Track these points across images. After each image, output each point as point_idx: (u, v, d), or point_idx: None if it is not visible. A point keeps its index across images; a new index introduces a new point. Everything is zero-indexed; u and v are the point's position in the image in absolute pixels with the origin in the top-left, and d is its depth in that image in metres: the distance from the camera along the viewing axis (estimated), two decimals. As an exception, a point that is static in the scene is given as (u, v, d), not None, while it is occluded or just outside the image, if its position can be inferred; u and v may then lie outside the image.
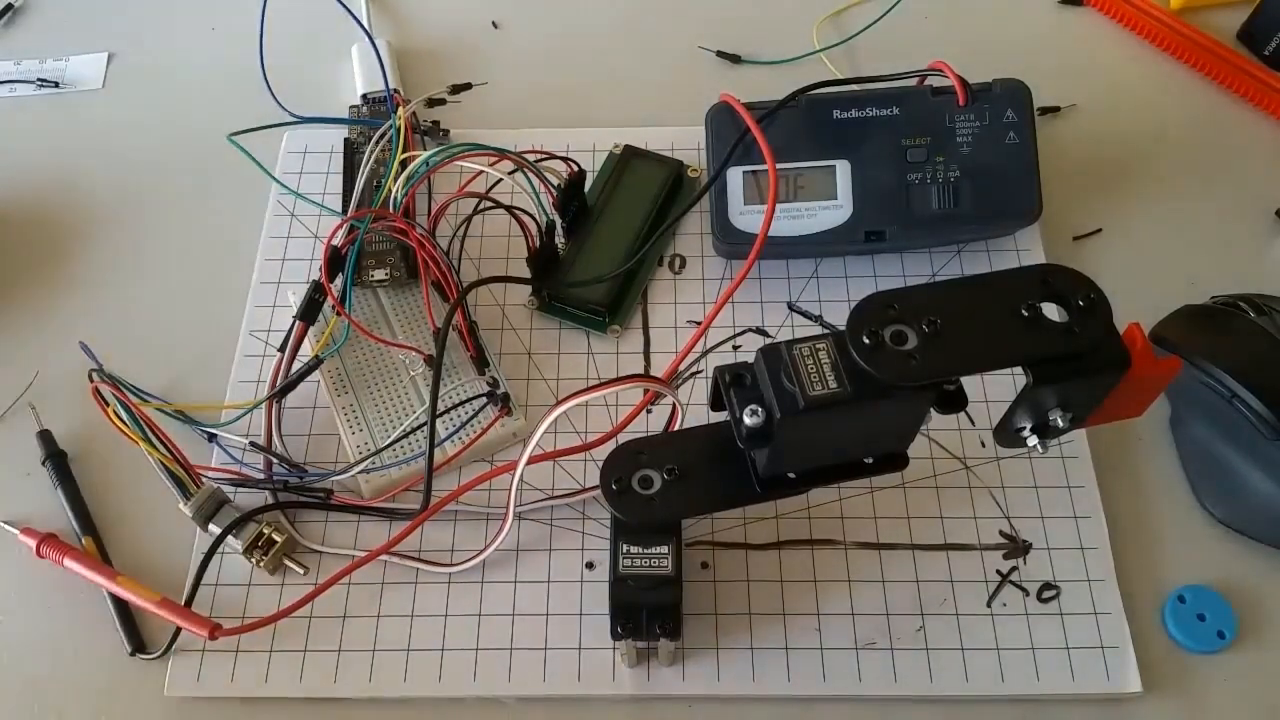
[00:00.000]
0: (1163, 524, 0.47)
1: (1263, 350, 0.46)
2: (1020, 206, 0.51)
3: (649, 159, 0.56)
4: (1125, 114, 0.60)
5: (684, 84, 0.62)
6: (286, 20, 0.61)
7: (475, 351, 0.48)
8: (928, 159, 0.51)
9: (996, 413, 0.38)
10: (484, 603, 0.45)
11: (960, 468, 0.47)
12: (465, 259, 0.54)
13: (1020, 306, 0.33)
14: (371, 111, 0.58)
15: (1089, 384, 0.34)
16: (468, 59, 0.64)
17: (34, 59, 0.65)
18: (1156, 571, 0.45)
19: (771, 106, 0.52)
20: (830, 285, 0.53)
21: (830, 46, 0.63)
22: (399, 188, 0.50)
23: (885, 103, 0.52)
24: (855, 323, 0.32)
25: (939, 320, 0.32)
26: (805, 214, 0.51)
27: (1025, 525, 0.46)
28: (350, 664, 0.43)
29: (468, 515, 0.47)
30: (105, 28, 0.66)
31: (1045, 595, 0.44)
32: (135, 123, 0.61)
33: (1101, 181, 0.57)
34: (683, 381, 0.47)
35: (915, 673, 0.42)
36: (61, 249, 0.56)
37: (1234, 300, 0.49)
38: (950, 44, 0.58)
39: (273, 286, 0.54)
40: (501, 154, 0.50)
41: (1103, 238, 0.55)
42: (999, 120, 0.51)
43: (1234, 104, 0.61)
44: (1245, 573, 0.45)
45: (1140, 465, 0.48)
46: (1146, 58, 0.63)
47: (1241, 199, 0.57)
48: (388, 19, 0.66)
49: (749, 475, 0.37)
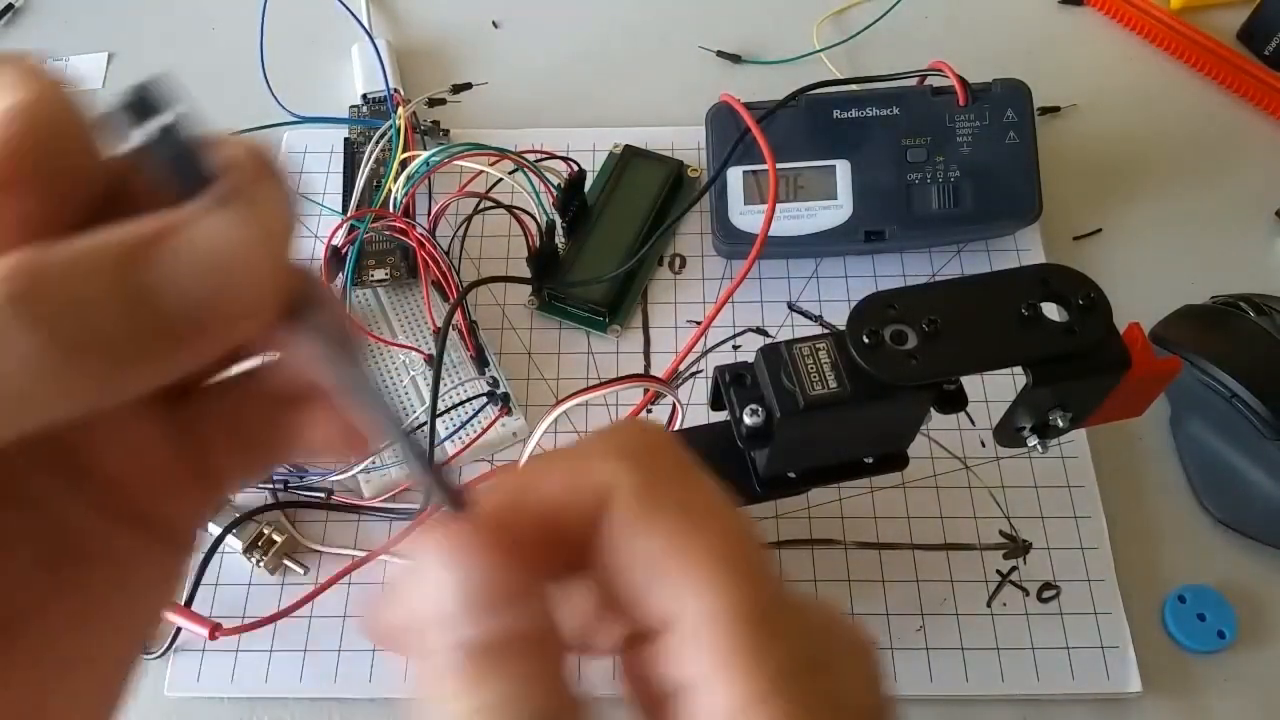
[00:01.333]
0: (1163, 524, 0.47)
1: (1263, 350, 0.46)
2: (1020, 206, 0.51)
3: (649, 159, 0.56)
4: (1125, 114, 0.60)
5: (684, 84, 0.62)
6: (286, 20, 0.61)
7: (475, 351, 0.48)
8: (928, 159, 0.51)
9: (996, 413, 0.38)
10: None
11: (960, 468, 0.47)
12: (465, 259, 0.54)
13: (1020, 306, 0.33)
14: (371, 111, 0.58)
15: (1089, 384, 0.34)
16: (468, 59, 0.64)
17: (34, 59, 0.65)
18: (1156, 571, 0.45)
19: (771, 106, 0.52)
20: (830, 285, 0.53)
21: (830, 46, 0.63)
22: (399, 188, 0.50)
23: (885, 103, 0.52)
24: (855, 323, 0.32)
25: (939, 320, 0.32)
26: (805, 214, 0.51)
27: (1025, 525, 0.46)
28: (350, 664, 0.43)
29: (468, 515, 0.47)
30: (105, 28, 0.66)
31: (1045, 595, 0.44)
32: (135, 123, 0.61)
33: (1101, 181, 0.57)
34: (683, 381, 0.47)
35: (915, 672, 0.42)
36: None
37: (1234, 300, 0.48)
38: (950, 44, 0.58)
39: (273, 286, 0.54)
40: (501, 154, 0.50)
41: (1103, 238, 0.55)
42: (999, 120, 0.51)
43: (1234, 104, 0.61)
44: (1246, 573, 0.45)
45: (1140, 465, 0.48)
46: (1146, 58, 0.63)
47: (1241, 199, 0.57)
48: (388, 19, 0.66)
49: (749, 475, 0.37)
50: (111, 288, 0.14)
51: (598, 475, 0.16)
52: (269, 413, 0.19)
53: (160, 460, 0.18)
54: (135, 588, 0.18)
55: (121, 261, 0.14)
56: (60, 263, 0.14)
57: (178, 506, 0.19)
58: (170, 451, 0.19)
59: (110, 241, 0.14)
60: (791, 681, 0.15)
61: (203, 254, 0.14)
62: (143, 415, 0.18)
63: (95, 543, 0.18)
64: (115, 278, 0.14)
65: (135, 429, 0.18)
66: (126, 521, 0.18)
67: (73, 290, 0.14)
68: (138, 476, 0.18)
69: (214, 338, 0.15)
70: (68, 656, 0.17)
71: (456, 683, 0.14)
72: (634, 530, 0.16)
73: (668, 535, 0.16)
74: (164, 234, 0.14)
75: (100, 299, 0.14)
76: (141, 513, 0.18)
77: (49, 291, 0.13)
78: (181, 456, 0.19)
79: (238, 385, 0.19)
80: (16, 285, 0.13)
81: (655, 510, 0.16)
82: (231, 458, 0.19)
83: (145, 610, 0.19)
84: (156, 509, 0.18)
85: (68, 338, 0.14)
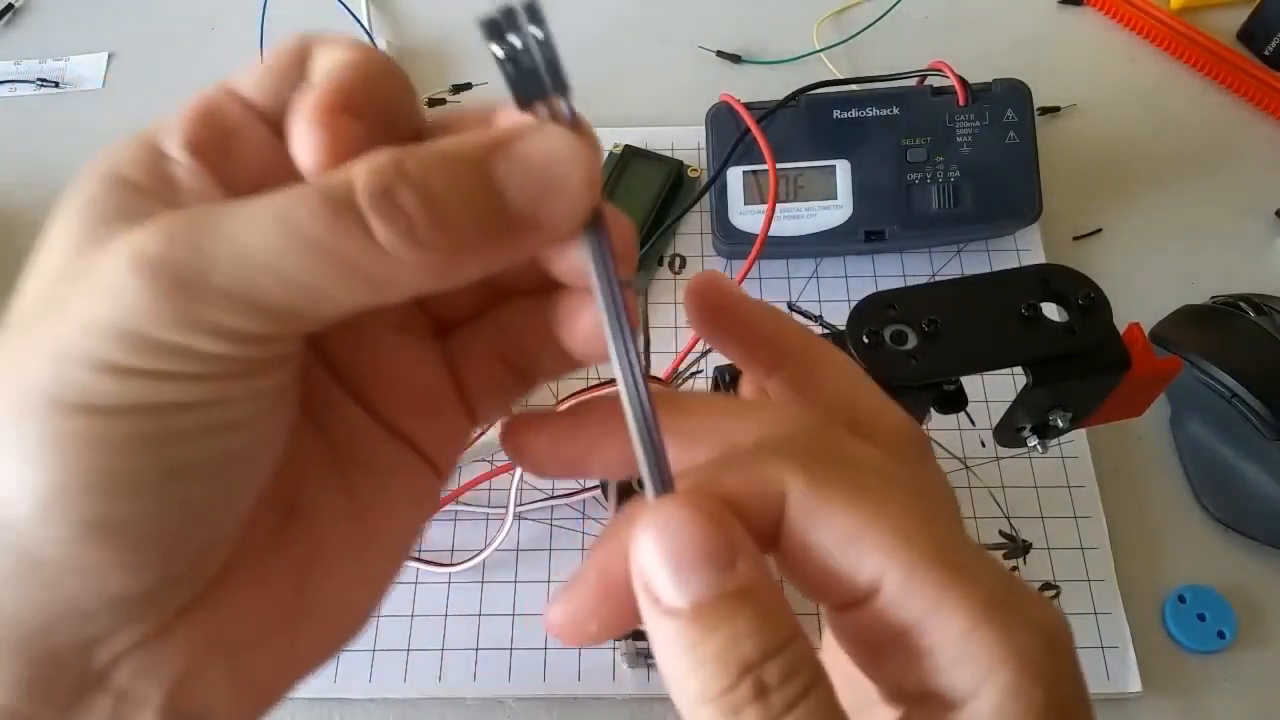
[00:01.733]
0: (1163, 524, 0.47)
1: (1263, 350, 0.46)
2: (1020, 206, 0.51)
3: (649, 159, 0.56)
4: (1125, 114, 0.60)
5: (684, 84, 0.62)
6: (286, 20, 0.61)
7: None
8: (928, 159, 0.51)
9: (996, 413, 0.38)
10: (484, 603, 0.44)
11: (960, 468, 0.47)
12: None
13: (1020, 306, 0.33)
14: (371, 111, 0.58)
15: (1089, 384, 0.34)
16: (468, 58, 0.64)
17: (34, 59, 0.65)
18: (1156, 571, 0.45)
19: (771, 106, 0.52)
20: (830, 285, 0.53)
21: (830, 46, 0.63)
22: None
23: (885, 103, 0.52)
24: (855, 323, 0.32)
25: (939, 320, 0.32)
26: (805, 214, 0.51)
27: (1025, 525, 0.46)
28: (350, 664, 0.43)
29: (468, 515, 0.47)
30: (105, 28, 0.66)
31: (1045, 595, 0.44)
32: (135, 123, 0.60)
33: (1101, 181, 0.57)
34: (683, 381, 0.47)
35: (915, 673, 0.42)
36: (61, 249, 0.56)
37: (1234, 300, 0.48)
38: (950, 44, 0.58)
39: (273, 286, 0.54)
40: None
41: (1103, 238, 0.55)
42: (999, 120, 0.51)
43: (1234, 104, 0.61)
44: (1245, 573, 0.45)
45: (1140, 465, 0.48)
46: (1146, 58, 0.63)
47: (1241, 199, 0.57)
48: (388, 19, 0.66)
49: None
50: (466, 182, 0.16)
51: (771, 487, 0.18)
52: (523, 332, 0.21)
53: (427, 384, 0.21)
54: (396, 499, 0.21)
55: (475, 159, 0.17)
56: (419, 160, 0.16)
57: (439, 429, 0.21)
58: (435, 378, 0.21)
59: (464, 142, 0.17)
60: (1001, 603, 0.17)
61: (543, 157, 0.17)
62: (414, 342, 0.21)
63: (367, 450, 0.20)
64: (470, 173, 0.17)
65: (408, 354, 0.21)
66: (395, 437, 0.21)
67: (430, 185, 0.16)
68: (407, 397, 0.21)
69: (542, 234, 0.17)
70: (336, 545, 0.20)
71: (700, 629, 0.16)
72: (812, 525, 0.18)
73: (843, 526, 0.17)
74: (512, 139, 0.17)
75: (453, 193, 0.16)
76: (408, 431, 0.21)
77: (409, 185, 0.16)
78: (444, 383, 0.21)
79: (494, 321, 0.21)
80: (380, 180, 0.16)
81: (827, 504, 0.18)
82: (489, 385, 0.22)
83: (403, 523, 0.21)
84: (421, 429, 0.21)
85: (422, 228, 0.16)
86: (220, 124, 0.19)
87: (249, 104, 0.19)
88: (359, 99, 0.18)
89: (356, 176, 0.16)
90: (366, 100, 0.18)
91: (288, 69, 0.20)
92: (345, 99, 0.18)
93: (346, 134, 0.17)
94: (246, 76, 0.20)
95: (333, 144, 0.17)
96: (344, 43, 0.19)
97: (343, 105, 0.18)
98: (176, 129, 0.19)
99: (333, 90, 0.18)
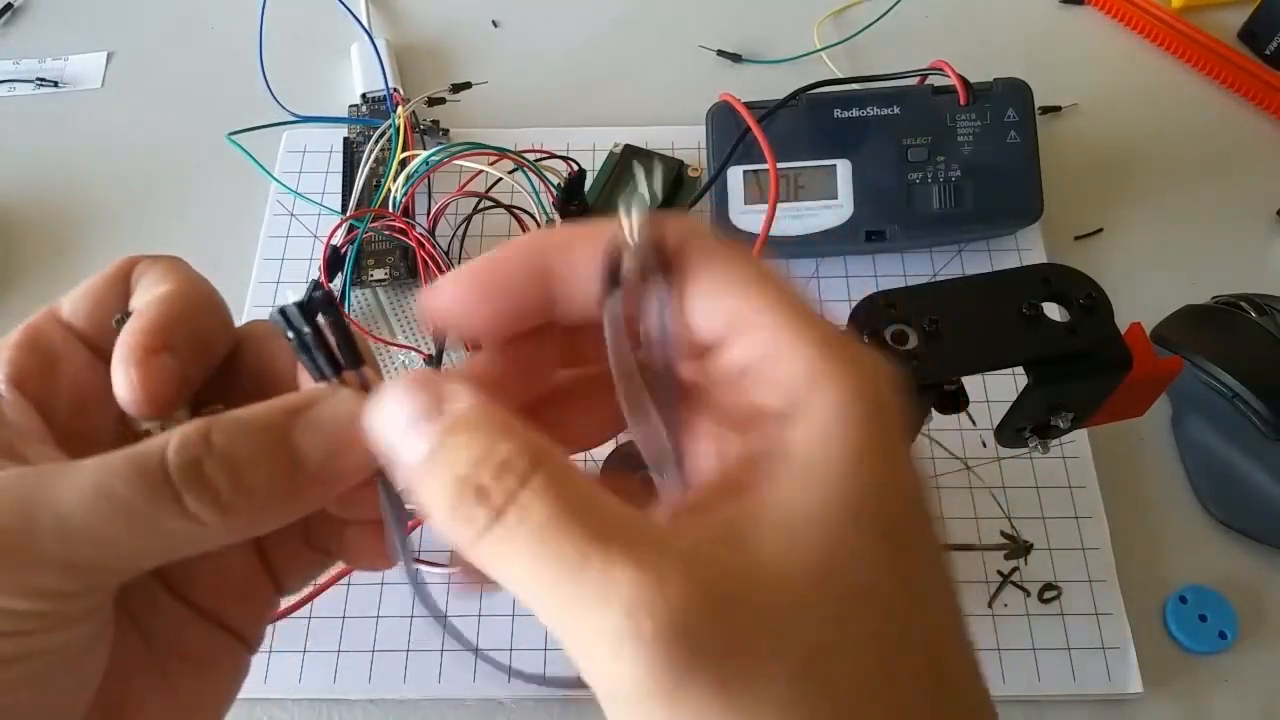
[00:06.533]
0: (1164, 524, 0.46)
1: (1263, 350, 0.46)
2: (1021, 206, 0.51)
3: (649, 158, 0.56)
4: (1126, 113, 0.60)
5: (684, 83, 0.62)
6: (286, 20, 0.61)
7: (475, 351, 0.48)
8: (928, 158, 0.51)
9: (997, 413, 0.38)
10: (484, 603, 0.44)
11: (961, 468, 0.47)
12: (465, 258, 0.54)
13: (1021, 306, 0.32)
14: (371, 111, 0.58)
15: (1090, 384, 0.34)
16: (468, 58, 0.64)
17: (33, 58, 0.64)
18: (1158, 572, 0.45)
19: (772, 106, 0.51)
20: (830, 285, 0.53)
21: (831, 46, 0.62)
22: (398, 187, 0.50)
23: (886, 102, 0.52)
24: (855, 323, 0.32)
25: (940, 320, 0.32)
26: (806, 214, 0.51)
27: (1026, 525, 0.46)
28: (350, 664, 0.43)
29: (467, 515, 0.47)
30: (105, 28, 0.66)
31: (1046, 596, 0.44)
32: (134, 122, 0.61)
33: (1102, 181, 0.57)
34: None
35: (916, 673, 0.42)
36: (60, 248, 0.56)
37: (1235, 300, 0.48)
38: (951, 43, 0.58)
39: (272, 286, 0.54)
40: (501, 153, 0.50)
41: (1104, 237, 0.55)
42: (1000, 120, 0.51)
43: (1235, 104, 0.61)
44: (1247, 573, 0.45)
45: (1141, 465, 0.48)
46: (1147, 57, 0.63)
47: (1242, 199, 0.56)
48: (387, 18, 0.66)
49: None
50: (267, 449, 0.19)
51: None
52: (328, 527, 0.23)
53: (239, 571, 0.23)
54: (212, 681, 0.23)
55: (276, 425, 0.19)
56: (224, 431, 0.18)
57: (250, 608, 0.23)
58: (246, 565, 0.23)
59: (266, 411, 0.19)
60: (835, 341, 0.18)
61: (335, 421, 0.19)
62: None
63: (184, 641, 0.22)
64: (270, 439, 0.19)
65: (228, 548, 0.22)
66: (210, 621, 0.22)
67: (235, 455, 0.18)
68: (222, 585, 0.23)
69: (335, 486, 0.19)
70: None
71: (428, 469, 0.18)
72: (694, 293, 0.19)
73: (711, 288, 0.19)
74: (307, 405, 0.19)
75: (256, 460, 0.18)
76: (221, 613, 0.23)
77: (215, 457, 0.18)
78: (254, 567, 0.23)
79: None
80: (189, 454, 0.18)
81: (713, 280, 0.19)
82: (294, 563, 0.24)
83: (218, 699, 0.23)
84: (233, 610, 0.23)
85: (227, 495, 0.18)
86: (43, 352, 0.21)
87: (70, 328, 0.21)
88: (175, 337, 0.20)
89: (169, 450, 0.18)
90: (183, 336, 0.21)
91: (109, 290, 0.22)
92: (163, 339, 0.20)
93: (162, 372, 0.20)
94: (70, 300, 0.22)
95: (150, 382, 0.20)
96: (165, 268, 0.22)
97: (160, 345, 0.20)
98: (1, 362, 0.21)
99: (150, 332, 0.20)
